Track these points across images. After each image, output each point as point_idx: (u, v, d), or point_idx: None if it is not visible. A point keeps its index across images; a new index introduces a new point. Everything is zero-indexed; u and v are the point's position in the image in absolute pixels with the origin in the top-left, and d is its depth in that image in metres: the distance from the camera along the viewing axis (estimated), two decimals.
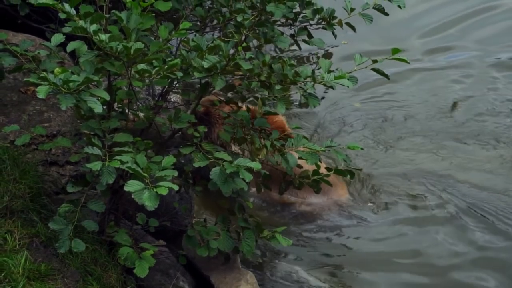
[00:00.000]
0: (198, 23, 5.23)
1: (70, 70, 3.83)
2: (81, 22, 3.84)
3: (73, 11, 3.89)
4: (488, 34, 8.93)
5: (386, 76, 4.56)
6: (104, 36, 3.84)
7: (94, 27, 3.86)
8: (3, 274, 3.91)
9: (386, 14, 4.87)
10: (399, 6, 4.79)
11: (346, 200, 6.27)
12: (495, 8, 9.36)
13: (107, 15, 4.08)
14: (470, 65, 8.42)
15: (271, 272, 5.55)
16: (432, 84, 8.10)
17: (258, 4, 4.47)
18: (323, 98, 7.41)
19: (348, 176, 4.86)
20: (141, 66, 3.98)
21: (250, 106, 5.07)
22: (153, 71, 3.97)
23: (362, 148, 4.77)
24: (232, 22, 4.69)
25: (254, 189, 5.32)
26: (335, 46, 8.11)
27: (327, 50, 8.33)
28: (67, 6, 3.87)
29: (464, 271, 5.59)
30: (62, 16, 3.95)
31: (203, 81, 4.50)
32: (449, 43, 8.80)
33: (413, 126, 7.36)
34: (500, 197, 6.32)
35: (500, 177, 6.62)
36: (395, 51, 4.33)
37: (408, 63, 4.47)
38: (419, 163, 6.81)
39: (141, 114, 4.51)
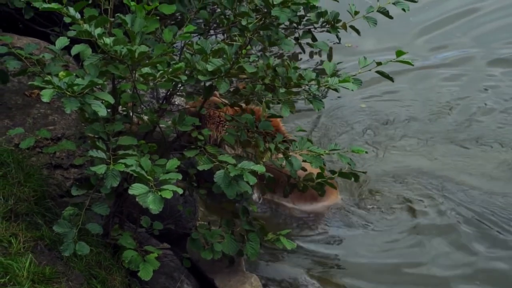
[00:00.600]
0: (203, 26, 5.24)
1: (74, 74, 3.84)
2: (86, 26, 3.84)
3: (77, 15, 3.90)
4: (486, 31, 8.86)
5: (390, 78, 4.56)
6: (108, 40, 3.84)
7: (98, 30, 3.86)
8: (8, 277, 3.91)
9: (391, 17, 4.87)
10: (403, 10, 4.79)
11: (342, 204, 6.23)
12: (489, 7, 9.30)
13: (112, 19, 4.08)
14: (470, 62, 8.31)
15: (276, 276, 5.53)
16: (432, 83, 7.98)
17: (262, 7, 4.47)
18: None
19: (353, 179, 4.85)
20: (146, 69, 3.98)
21: (254, 107, 5.06)
22: (157, 75, 3.97)
23: (366, 152, 4.76)
24: (236, 25, 4.69)
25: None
26: (337, 43, 8.04)
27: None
28: (71, 10, 3.88)
29: (466, 284, 5.50)
30: (67, 20, 3.96)
31: (207, 84, 4.50)
32: (447, 40, 8.71)
33: (414, 128, 7.25)
34: (503, 204, 6.20)
35: (502, 182, 6.49)
36: (400, 53, 4.33)
37: (413, 65, 4.47)
38: (421, 167, 6.69)
39: (146, 117, 4.52)
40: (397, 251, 5.82)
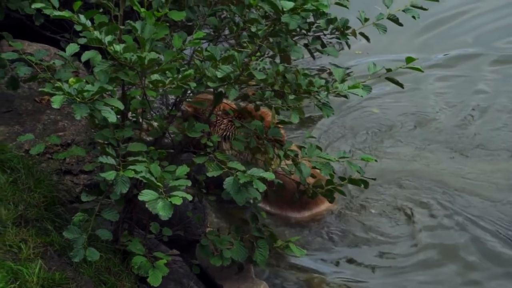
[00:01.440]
0: (212, 32, 5.25)
1: (84, 80, 3.85)
2: (96, 33, 3.85)
3: (88, 23, 3.91)
4: (487, 30, 8.78)
5: (400, 85, 4.55)
6: (118, 47, 3.85)
7: (109, 38, 3.87)
8: (17, 283, 3.92)
9: (400, 25, 4.86)
10: (413, 17, 4.78)
11: (339, 209, 6.18)
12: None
13: (122, 27, 4.10)
14: (471, 61, 8.23)
15: (285, 283, 5.51)
16: (433, 83, 7.88)
17: (271, 14, 4.47)
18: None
19: (362, 186, 4.84)
20: (155, 76, 3.98)
21: (262, 111, 5.04)
22: (167, 81, 3.98)
23: (376, 160, 4.75)
24: (246, 32, 4.69)
25: None
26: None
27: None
28: (82, 18, 3.89)
29: None
30: (78, 28, 3.97)
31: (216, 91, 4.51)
32: (448, 39, 8.65)
33: (415, 133, 7.17)
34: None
35: (509, 192, 6.34)
36: (409, 59, 4.32)
37: (422, 71, 4.45)
38: (421, 173, 6.59)
39: (155, 124, 4.52)
40: (401, 269, 5.72)
